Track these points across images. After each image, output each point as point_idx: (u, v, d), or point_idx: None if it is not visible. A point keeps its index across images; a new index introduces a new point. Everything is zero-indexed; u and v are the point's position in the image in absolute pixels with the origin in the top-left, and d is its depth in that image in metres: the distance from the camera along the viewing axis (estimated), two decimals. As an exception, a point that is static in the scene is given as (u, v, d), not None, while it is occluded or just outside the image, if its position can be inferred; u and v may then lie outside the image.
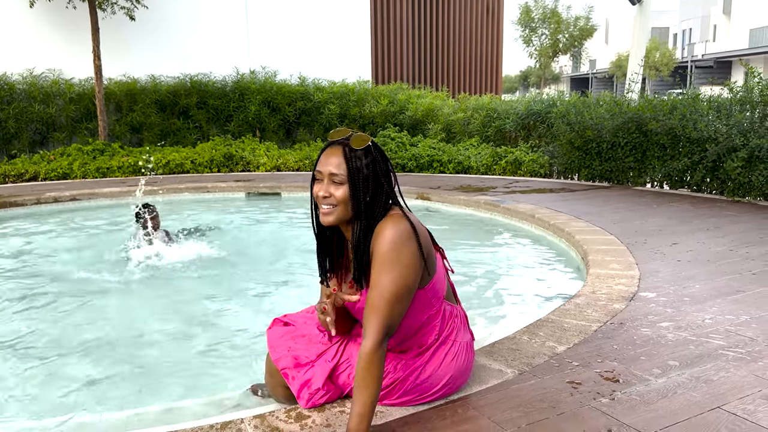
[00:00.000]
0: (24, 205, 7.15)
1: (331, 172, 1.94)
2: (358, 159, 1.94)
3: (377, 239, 1.90)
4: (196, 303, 3.99)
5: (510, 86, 58.51)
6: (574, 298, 3.31)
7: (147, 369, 3.01)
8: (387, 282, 1.87)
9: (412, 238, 1.91)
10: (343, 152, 1.94)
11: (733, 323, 2.91)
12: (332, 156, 1.95)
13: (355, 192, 1.93)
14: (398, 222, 1.91)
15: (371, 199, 1.95)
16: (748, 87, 6.94)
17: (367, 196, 1.94)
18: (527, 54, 35.02)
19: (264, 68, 12.60)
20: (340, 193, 1.93)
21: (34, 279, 4.53)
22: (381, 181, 1.97)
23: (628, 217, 5.58)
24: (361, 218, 1.95)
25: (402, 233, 1.89)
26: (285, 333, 2.20)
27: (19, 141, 10.54)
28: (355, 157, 1.94)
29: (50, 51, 11.18)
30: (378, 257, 1.89)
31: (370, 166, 1.95)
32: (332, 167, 1.94)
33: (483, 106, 11.01)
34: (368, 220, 1.95)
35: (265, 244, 5.59)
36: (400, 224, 1.91)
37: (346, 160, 1.94)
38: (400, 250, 1.88)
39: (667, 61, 39.28)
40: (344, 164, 1.93)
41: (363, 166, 1.94)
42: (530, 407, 2.13)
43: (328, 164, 1.94)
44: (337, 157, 1.94)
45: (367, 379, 1.83)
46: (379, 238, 1.90)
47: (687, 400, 2.17)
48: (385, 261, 1.87)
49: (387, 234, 1.89)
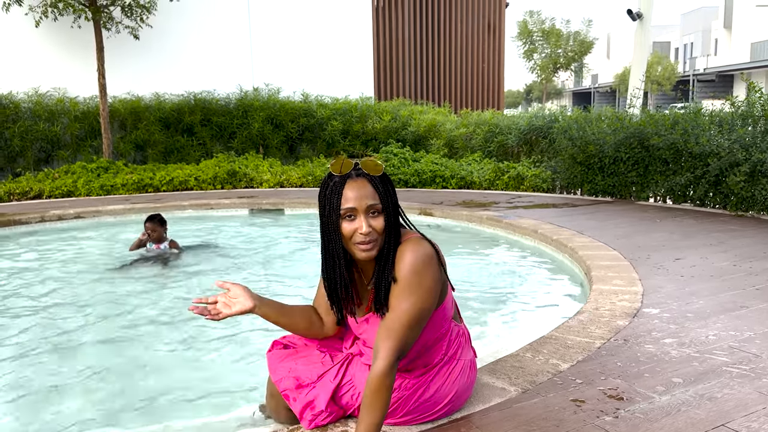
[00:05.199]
0: (28, 222, 7.18)
1: (369, 204, 1.87)
2: (383, 185, 1.91)
3: (398, 263, 1.88)
4: (196, 320, 3.98)
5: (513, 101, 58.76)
6: (577, 314, 3.30)
7: (147, 389, 3.00)
8: (407, 306, 1.85)
9: (434, 262, 1.90)
10: (369, 182, 1.89)
11: (737, 339, 2.90)
12: (360, 189, 1.87)
13: (389, 218, 1.90)
14: (419, 245, 1.89)
15: (395, 221, 1.94)
16: (749, 101, 6.95)
17: (393, 219, 1.93)
18: (528, 69, 35.22)
19: (267, 85, 12.69)
20: (379, 223, 1.88)
21: (34, 294, 4.54)
22: (397, 201, 1.97)
23: (631, 232, 5.57)
24: (390, 244, 1.91)
25: (424, 257, 1.87)
26: (286, 355, 2.19)
27: (24, 159, 10.61)
28: (381, 183, 1.90)
29: (55, 70, 11.29)
30: (400, 280, 1.87)
31: (389, 189, 1.93)
32: (369, 200, 1.87)
33: (485, 121, 11.06)
34: (392, 241, 1.91)
35: (267, 261, 5.59)
36: (421, 248, 1.89)
37: (375, 190, 1.89)
38: (422, 274, 1.86)
39: (669, 75, 39.40)
40: (376, 194, 1.88)
41: (388, 191, 1.91)
42: (533, 426, 2.12)
43: (363, 198, 1.86)
44: (366, 189, 1.87)
45: (376, 402, 1.81)
46: (400, 262, 1.87)
47: (691, 418, 2.16)
48: (406, 286, 1.85)
49: (408, 258, 1.86)
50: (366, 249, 1.88)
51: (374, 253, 1.89)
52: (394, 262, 1.90)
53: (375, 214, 1.88)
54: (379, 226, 1.88)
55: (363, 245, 1.88)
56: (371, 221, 1.87)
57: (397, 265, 1.89)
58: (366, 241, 1.87)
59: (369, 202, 1.86)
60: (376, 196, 1.88)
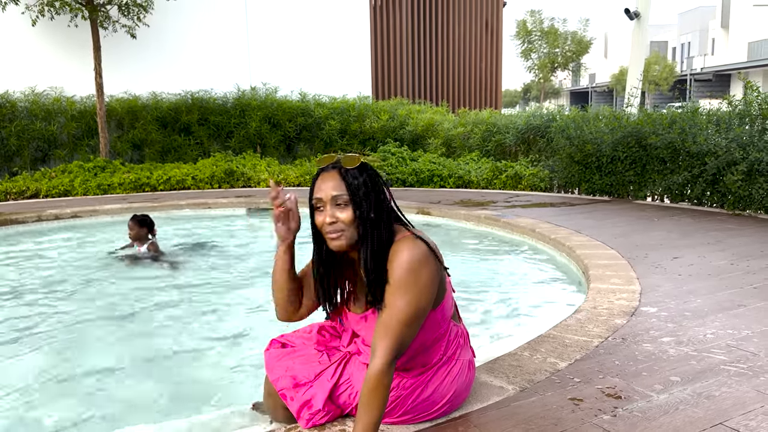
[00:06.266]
0: (25, 222, 7.16)
1: (332, 195, 1.91)
2: (354, 178, 1.93)
3: (394, 261, 1.88)
4: (192, 320, 3.98)
5: (511, 100, 58.79)
6: (575, 313, 3.30)
7: (141, 388, 2.99)
8: (402, 304, 1.85)
9: (430, 261, 1.90)
10: (339, 174, 1.93)
11: (735, 338, 2.90)
12: (329, 180, 1.93)
13: (360, 210, 1.91)
14: (415, 244, 1.90)
15: (376, 216, 1.94)
16: (747, 101, 6.96)
17: (371, 212, 1.93)
18: (526, 68, 35.24)
19: (265, 84, 12.68)
20: (346, 215, 1.91)
21: (31, 294, 4.53)
22: (380, 196, 1.96)
23: (629, 231, 5.57)
24: (368, 237, 1.93)
25: (420, 255, 1.88)
26: (283, 354, 2.18)
27: (20, 158, 10.59)
28: (351, 176, 1.93)
29: (52, 69, 11.27)
30: (394, 279, 1.87)
31: (368, 183, 1.94)
32: (333, 191, 1.91)
33: (483, 120, 11.05)
34: (378, 233, 1.93)
35: (264, 261, 5.58)
36: (417, 246, 1.89)
37: (344, 181, 1.92)
38: (418, 272, 1.86)
39: (667, 75, 39.45)
40: (343, 185, 1.91)
41: (361, 184, 1.93)
42: (531, 424, 2.12)
43: (328, 189, 1.92)
44: (334, 180, 1.92)
45: (373, 401, 1.81)
46: (395, 260, 1.88)
47: (689, 417, 2.15)
48: (402, 283, 1.86)
49: (404, 256, 1.87)
50: (333, 238, 1.93)
51: (343, 243, 1.93)
52: (389, 256, 1.90)
53: (341, 205, 1.91)
54: (346, 218, 1.91)
55: (330, 234, 1.93)
56: (336, 212, 1.91)
57: (391, 264, 1.89)
58: (331, 231, 1.92)
59: (333, 193, 1.91)
60: (342, 188, 1.91)
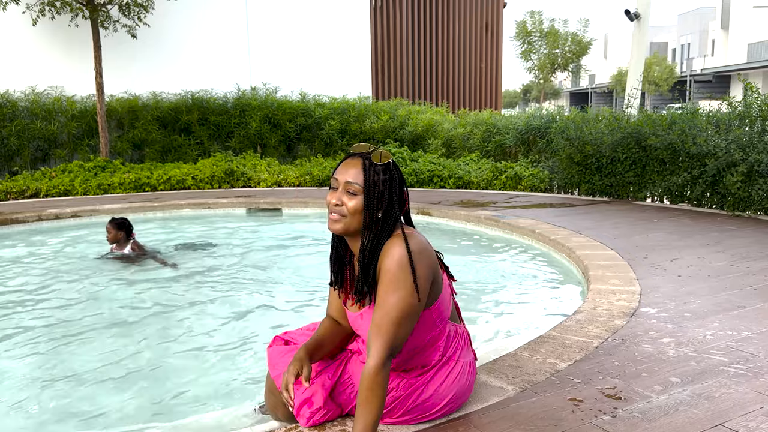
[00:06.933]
0: (25, 221, 7.16)
1: (347, 181, 1.93)
2: (376, 173, 1.94)
3: (385, 258, 1.89)
4: (191, 320, 3.98)
5: (511, 101, 58.78)
6: (575, 314, 3.30)
7: (142, 388, 2.99)
8: (393, 302, 1.86)
9: (421, 258, 1.91)
10: (362, 164, 1.95)
11: (735, 339, 2.91)
12: (351, 167, 1.95)
13: (368, 205, 1.93)
14: (408, 241, 1.91)
15: (383, 216, 1.95)
16: (746, 102, 6.97)
17: (380, 211, 1.94)
18: (526, 69, 35.20)
19: (265, 85, 12.68)
20: (353, 203, 1.93)
21: (30, 294, 4.53)
22: (394, 200, 1.97)
23: (629, 232, 5.58)
24: (371, 233, 1.95)
25: (412, 253, 1.89)
26: (286, 351, 2.19)
27: (20, 158, 10.58)
28: (373, 171, 1.94)
29: (52, 68, 11.26)
30: (385, 276, 1.88)
31: (387, 183, 1.95)
32: (349, 177, 1.93)
33: (483, 121, 11.06)
34: (377, 236, 1.94)
35: (264, 261, 5.59)
36: (409, 244, 1.90)
37: (364, 172, 1.94)
38: (408, 270, 1.87)
39: (667, 76, 39.43)
40: (362, 176, 1.93)
41: (380, 182, 1.94)
42: (531, 425, 2.12)
43: (346, 174, 1.94)
44: (356, 168, 1.94)
45: (370, 399, 1.82)
46: (387, 257, 1.89)
47: (689, 417, 2.16)
48: (392, 281, 1.87)
49: (395, 253, 1.88)
50: (332, 219, 1.97)
51: (338, 228, 1.95)
52: (380, 254, 1.91)
53: (352, 193, 1.93)
54: (352, 206, 1.93)
55: (331, 215, 1.97)
56: (344, 197, 1.94)
57: (383, 260, 1.90)
58: (333, 212, 1.96)
59: (349, 179, 1.94)
60: (359, 178, 1.93)
